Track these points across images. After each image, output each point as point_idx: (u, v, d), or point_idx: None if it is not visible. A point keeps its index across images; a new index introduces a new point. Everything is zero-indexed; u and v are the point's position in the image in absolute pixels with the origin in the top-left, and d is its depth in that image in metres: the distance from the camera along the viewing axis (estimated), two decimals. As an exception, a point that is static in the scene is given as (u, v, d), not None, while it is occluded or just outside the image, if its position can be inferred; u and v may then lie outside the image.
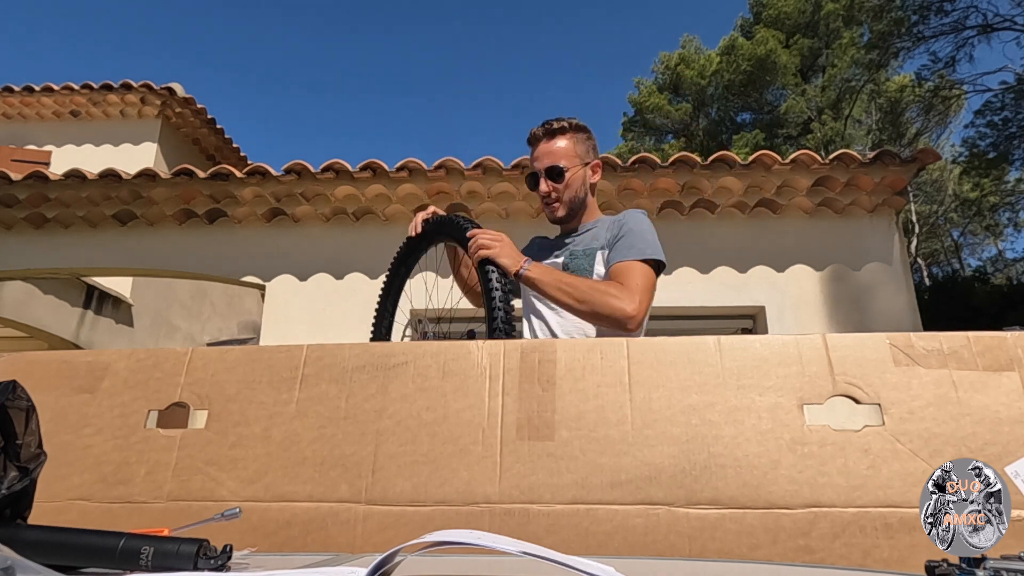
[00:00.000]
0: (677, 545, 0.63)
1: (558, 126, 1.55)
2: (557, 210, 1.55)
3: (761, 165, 3.97)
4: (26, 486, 0.51)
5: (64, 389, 0.79)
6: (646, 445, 0.68)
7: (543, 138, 1.55)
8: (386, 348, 0.78)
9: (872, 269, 4.06)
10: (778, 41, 17.30)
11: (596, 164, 1.59)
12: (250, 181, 4.17)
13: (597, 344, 0.74)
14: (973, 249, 20.74)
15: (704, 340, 0.73)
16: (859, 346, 0.70)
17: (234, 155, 8.19)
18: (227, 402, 0.76)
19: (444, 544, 0.41)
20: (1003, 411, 0.66)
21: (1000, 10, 13.74)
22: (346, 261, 4.25)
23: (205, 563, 0.46)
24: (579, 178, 1.54)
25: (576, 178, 1.53)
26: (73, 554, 0.49)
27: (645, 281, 1.39)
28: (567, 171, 1.51)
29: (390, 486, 0.69)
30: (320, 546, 0.67)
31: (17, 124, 7.21)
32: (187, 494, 0.71)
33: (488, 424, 0.71)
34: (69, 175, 4.20)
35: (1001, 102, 14.56)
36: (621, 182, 4.06)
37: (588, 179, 1.57)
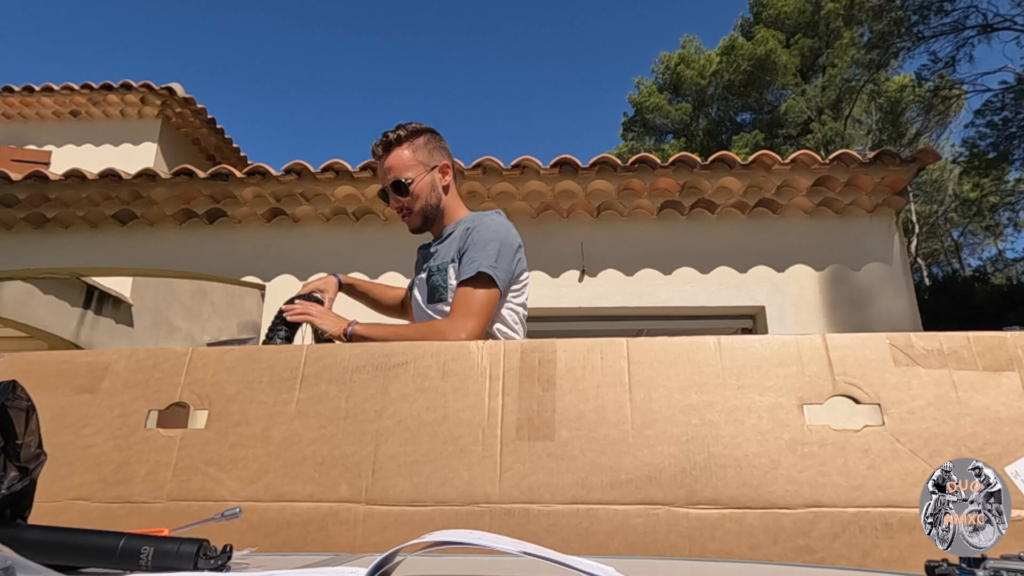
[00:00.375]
0: (677, 545, 0.63)
1: (394, 136, 1.51)
2: (412, 222, 1.54)
3: (761, 165, 3.97)
4: (26, 486, 0.51)
5: (64, 389, 0.79)
6: (646, 445, 0.68)
7: (383, 154, 1.52)
8: (386, 348, 0.78)
9: (872, 269, 4.06)
10: (778, 41, 17.31)
11: (444, 165, 1.55)
12: (250, 181, 4.17)
13: (597, 344, 0.74)
14: (973, 249, 20.75)
15: (704, 340, 0.73)
16: (859, 346, 0.70)
17: (234, 155, 8.19)
18: (227, 402, 0.76)
19: (444, 544, 0.41)
20: (1003, 411, 0.66)
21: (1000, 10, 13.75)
22: (346, 261, 4.25)
23: (205, 563, 0.46)
24: (426, 185, 1.51)
25: (423, 186, 1.50)
26: (73, 554, 0.49)
27: (475, 304, 1.39)
28: (411, 183, 1.49)
29: (390, 486, 0.69)
30: (320, 546, 0.67)
31: (17, 124, 7.21)
32: (187, 494, 0.71)
33: (488, 424, 0.71)
34: (69, 175, 4.20)
35: (1001, 102, 14.57)
36: (621, 182, 4.06)
37: (438, 183, 1.54)
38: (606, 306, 4.09)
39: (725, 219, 4.19)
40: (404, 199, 1.50)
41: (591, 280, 4.15)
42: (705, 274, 4.11)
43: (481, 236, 1.45)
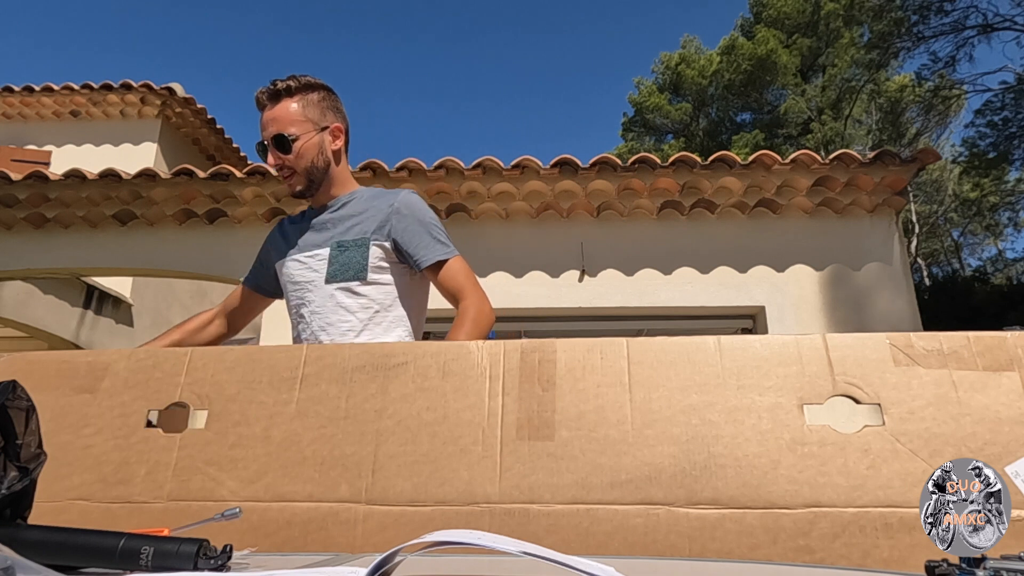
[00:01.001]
0: (677, 545, 0.63)
1: (283, 86, 1.35)
2: (294, 184, 1.38)
3: (761, 165, 3.97)
4: (26, 486, 0.51)
5: (64, 389, 0.79)
6: (646, 445, 0.68)
7: (268, 103, 1.35)
8: (386, 348, 0.78)
9: (872, 269, 4.07)
10: (778, 41, 17.31)
11: (336, 128, 1.40)
12: (250, 181, 4.17)
13: (597, 344, 0.74)
14: (973, 249, 20.75)
15: (704, 340, 0.73)
16: (859, 346, 0.70)
17: (234, 155, 8.19)
18: (227, 402, 0.76)
19: (444, 544, 0.41)
20: (1003, 411, 0.66)
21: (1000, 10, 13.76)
22: (346, 261, 4.25)
23: (205, 563, 0.46)
24: (314, 146, 1.36)
25: (310, 146, 1.35)
26: (73, 554, 0.49)
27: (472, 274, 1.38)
28: (295, 139, 1.33)
29: (390, 486, 0.69)
30: (320, 546, 0.67)
31: (17, 124, 7.21)
32: (187, 494, 0.71)
33: (488, 424, 0.71)
34: (69, 175, 4.20)
35: (1001, 102, 14.58)
36: (621, 182, 4.06)
37: (328, 146, 1.39)
38: (606, 306, 4.09)
39: (725, 219, 4.19)
40: (286, 156, 1.34)
41: (591, 280, 4.15)
42: (705, 274, 4.11)
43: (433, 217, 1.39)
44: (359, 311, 1.34)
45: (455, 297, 1.36)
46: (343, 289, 1.35)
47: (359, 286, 1.35)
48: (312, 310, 1.36)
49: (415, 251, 1.36)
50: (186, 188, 4.23)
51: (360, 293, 1.35)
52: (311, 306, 1.37)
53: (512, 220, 4.25)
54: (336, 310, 1.34)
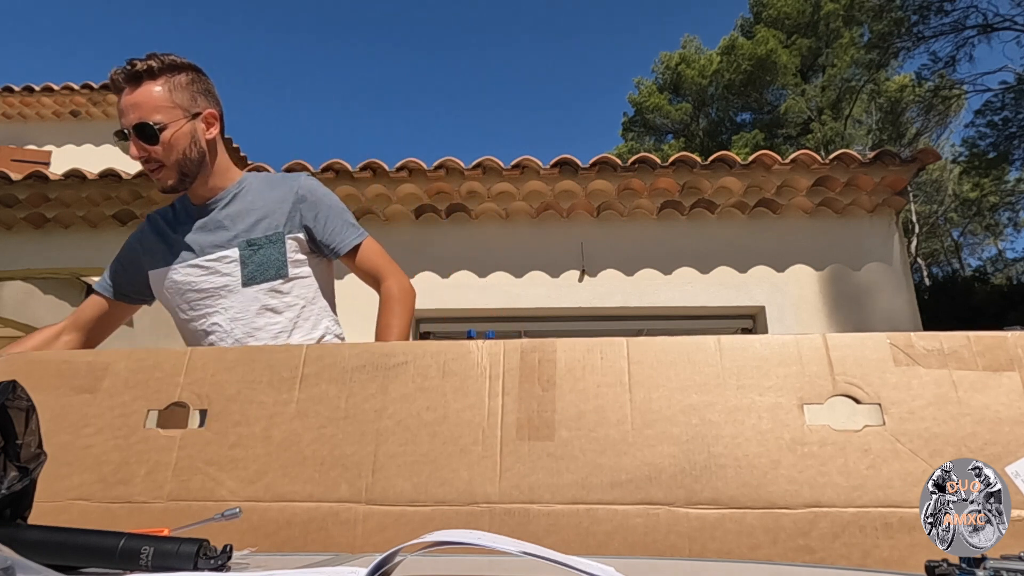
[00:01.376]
0: (677, 545, 0.63)
1: (143, 67, 1.17)
2: (164, 179, 1.23)
3: (761, 165, 3.97)
4: (26, 486, 0.51)
5: (64, 389, 0.79)
6: (646, 445, 0.68)
7: (125, 86, 1.18)
8: (386, 348, 0.78)
9: (872, 269, 4.07)
10: (778, 41, 17.31)
11: (210, 114, 1.25)
12: (250, 181, 4.16)
13: (597, 344, 0.74)
14: (973, 249, 20.76)
15: (704, 340, 0.73)
16: (859, 346, 0.70)
17: (234, 155, 8.19)
18: (227, 402, 0.76)
19: (444, 544, 0.41)
20: (1003, 411, 0.66)
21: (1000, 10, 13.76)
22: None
23: (205, 563, 0.46)
24: (185, 135, 1.21)
25: (181, 136, 1.20)
26: (73, 554, 0.49)
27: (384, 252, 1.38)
28: (162, 129, 1.17)
29: (390, 486, 0.69)
30: (320, 546, 0.67)
31: (17, 124, 7.21)
32: (187, 494, 0.71)
33: (488, 424, 0.71)
34: (69, 175, 4.20)
35: (1001, 102, 14.58)
36: (621, 182, 4.06)
37: (201, 135, 1.24)
38: (606, 306, 4.09)
39: (725, 219, 4.19)
40: (152, 148, 1.19)
41: (591, 280, 4.15)
42: (705, 274, 4.12)
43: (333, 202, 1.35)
44: (286, 310, 1.28)
45: (376, 279, 1.35)
46: (268, 291, 1.27)
47: (282, 284, 1.28)
48: (232, 316, 1.26)
49: (331, 238, 1.32)
50: (186, 188, 4.22)
51: (284, 291, 1.28)
52: (229, 312, 1.27)
53: (512, 220, 4.25)
54: (263, 313, 1.27)
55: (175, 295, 1.32)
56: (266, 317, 1.27)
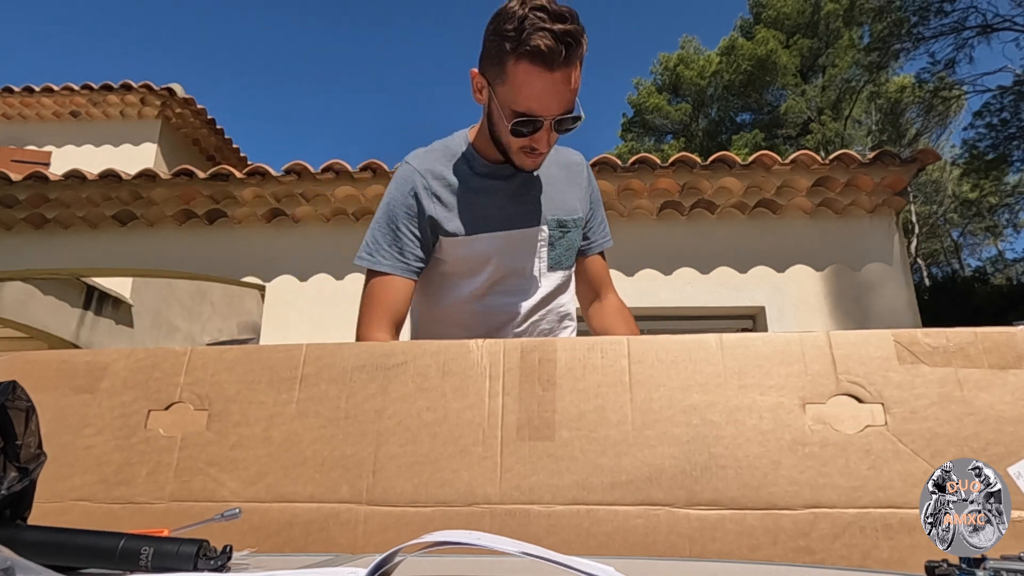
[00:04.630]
0: (678, 546, 0.63)
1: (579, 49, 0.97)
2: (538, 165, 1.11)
3: (761, 165, 3.97)
4: (26, 487, 0.51)
5: (64, 389, 0.79)
6: (647, 445, 0.68)
7: (563, 63, 0.96)
8: (385, 348, 0.77)
9: (872, 269, 4.07)
10: (778, 41, 17.32)
11: None
12: (250, 181, 4.17)
13: (598, 343, 0.74)
14: (973, 249, 20.77)
15: (706, 339, 0.73)
16: (863, 344, 0.70)
17: (234, 155, 8.19)
18: (227, 402, 0.76)
19: (444, 544, 0.41)
20: (1008, 410, 0.65)
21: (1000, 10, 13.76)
22: (345, 261, 4.25)
23: (205, 564, 0.46)
24: None
25: None
26: (73, 555, 0.49)
27: None
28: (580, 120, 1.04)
29: (391, 487, 0.69)
30: (321, 547, 0.67)
31: (17, 124, 7.22)
32: (189, 495, 0.71)
33: (488, 424, 0.71)
34: (69, 175, 4.20)
35: (1000, 103, 14.57)
36: (621, 182, 4.06)
37: None
38: (606, 306, 4.08)
39: (725, 219, 4.19)
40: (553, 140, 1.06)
41: (591, 280, 4.15)
42: (705, 274, 4.11)
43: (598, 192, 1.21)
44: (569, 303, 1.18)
45: (599, 287, 1.25)
46: (565, 280, 1.16)
47: (567, 274, 1.18)
48: (533, 305, 1.13)
49: (594, 233, 1.21)
50: (186, 189, 4.23)
51: (569, 286, 1.19)
52: (533, 297, 1.13)
53: (512, 220, 4.25)
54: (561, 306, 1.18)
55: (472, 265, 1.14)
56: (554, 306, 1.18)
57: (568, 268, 1.18)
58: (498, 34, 0.98)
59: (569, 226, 1.16)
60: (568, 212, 1.17)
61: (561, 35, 0.94)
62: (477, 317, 1.15)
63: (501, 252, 1.13)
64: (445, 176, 1.13)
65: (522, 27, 0.94)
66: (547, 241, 1.15)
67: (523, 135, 1.02)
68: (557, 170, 1.19)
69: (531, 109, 0.99)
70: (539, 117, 1.00)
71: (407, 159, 1.16)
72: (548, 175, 1.17)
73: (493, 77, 1.02)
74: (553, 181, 1.18)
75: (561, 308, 1.19)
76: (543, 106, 0.99)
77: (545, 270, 1.15)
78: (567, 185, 1.19)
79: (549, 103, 0.99)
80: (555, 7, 0.95)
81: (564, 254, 1.16)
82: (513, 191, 1.14)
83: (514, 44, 0.96)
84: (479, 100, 1.09)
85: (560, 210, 1.16)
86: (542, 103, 0.99)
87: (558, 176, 1.19)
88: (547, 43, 0.93)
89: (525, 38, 0.94)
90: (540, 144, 1.04)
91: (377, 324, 1.09)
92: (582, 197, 1.19)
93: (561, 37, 0.94)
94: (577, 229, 1.17)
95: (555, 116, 1.00)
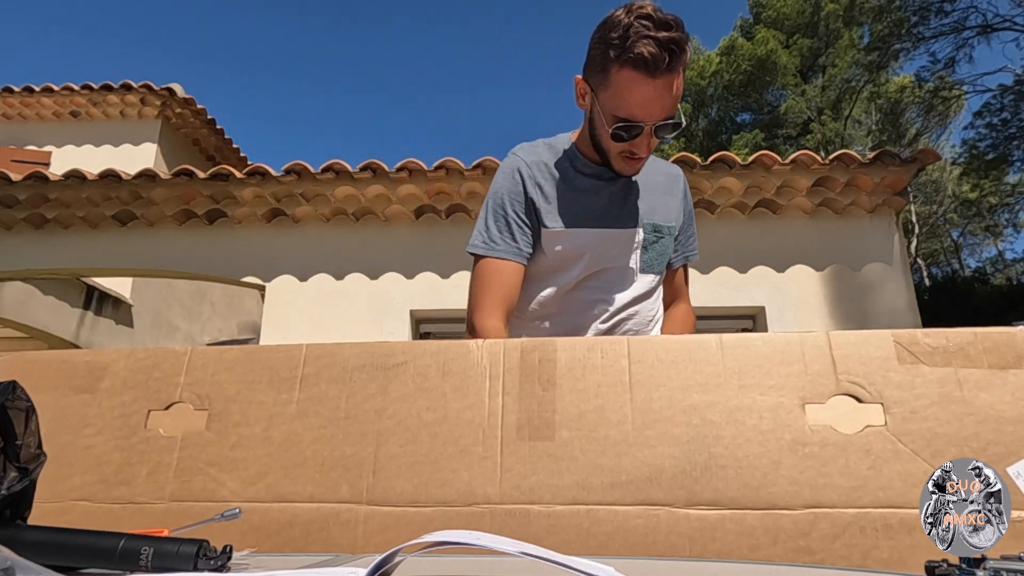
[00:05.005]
0: (678, 546, 0.63)
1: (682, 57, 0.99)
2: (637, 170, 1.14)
3: (761, 165, 3.97)
4: (26, 487, 0.51)
5: (63, 389, 0.79)
6: (647, 446, 0.68)
7: (665, 70, 0.98)
8: (385, 347, 0.77)
9: (872, 269, 4.07)
10: (778, 41, 17.32)
11: None
12: (250, 181, 4.16)
13: (598, 343, 0.74)
14: (973, 249, 20.78)
15: (706, 339, 0.73)
16: (863, 344, 0.70)
17: (234, 155, 8.19)
18: (227, 402, 0.76)
19: (444, 544, 0.41)
20: (1008, 410, 0.65)
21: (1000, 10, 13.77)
22: (346, 261, 4.25)
23: (205, 564, 0.46)
24: None
25: None
26: (73, 555, 0.49)
27: None
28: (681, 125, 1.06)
29: (391, 487, 0.69)
30: (321, 547, 0.67)
31: (17, 124, 7.22)
32: (189, 495, 0.71)
33: (488, 424, 0.71)
34: (69, 175, 4.21)
35: (1000, 103, 14.57)
36: (621, 182, 4.05)
37: None
38: (606, 306, 4.08)
39: (725, 219, 4.19)
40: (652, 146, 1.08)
41: (591, 280, 4.15)
42: (705, 274, 4.11)
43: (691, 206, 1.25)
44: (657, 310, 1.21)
45: (676, 297, 1.30)
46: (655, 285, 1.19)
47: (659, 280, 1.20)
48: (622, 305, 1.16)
49: (684, 246, 1.25)
50: (186, 189, 4.23)
51: (657, 291, 1.21)
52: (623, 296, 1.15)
53: (512, 220, 4.24)
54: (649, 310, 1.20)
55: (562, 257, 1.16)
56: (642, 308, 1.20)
57: (658, 273, 1.21)
58: (603, 42, 1.01)
59: (663, 232, 1.19)
60: (664, 219, 1.20)
61: (665, 43, 0.96)
62: (565, 311, 1.18)
63: (596, 249, 1.15)
64: (550, 169, 1.17)
65: (627, 35, 0.97)
66: (641, 244, 1.18)
67: (623, 140, 1.05)
68: (656, 178, 1.23)
69: (632, 115, 1.02)
70: (640, 123, 1.02)
71: (514, 151, 1.20)
72: (647, 182, 1.21)
73: (596, 83, 1.05)
74: (652, 188, 1.21)
75: (649, 311, 1.21)
76: (645, 112, 1.02)
77: (637, 272, 1.18)
78: (664, 194, 1.22)
79: (650, 109, 1.01)
80: (660, 15, 0.97)
81: (656, 259, 1.19)
82: (613, 193, 1.17)
83: (618, 51, 0.98)
84: (581, 106, 1.12)
85: (656, 216, 1.19)
86: (644, 109, 1.01)
87: (657, 184, 1.22)
88: (651, 50, 0.96)
89: (629, 45, 0.97)
90: (639, 149, 1.07)
91: (490, 310, 1.12)
92: (677, 208, 1.23)
93: (665, 45, 0.96)
94: (670, 237, 1.21)
95: (656, 122, 1.03)
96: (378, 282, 4.16)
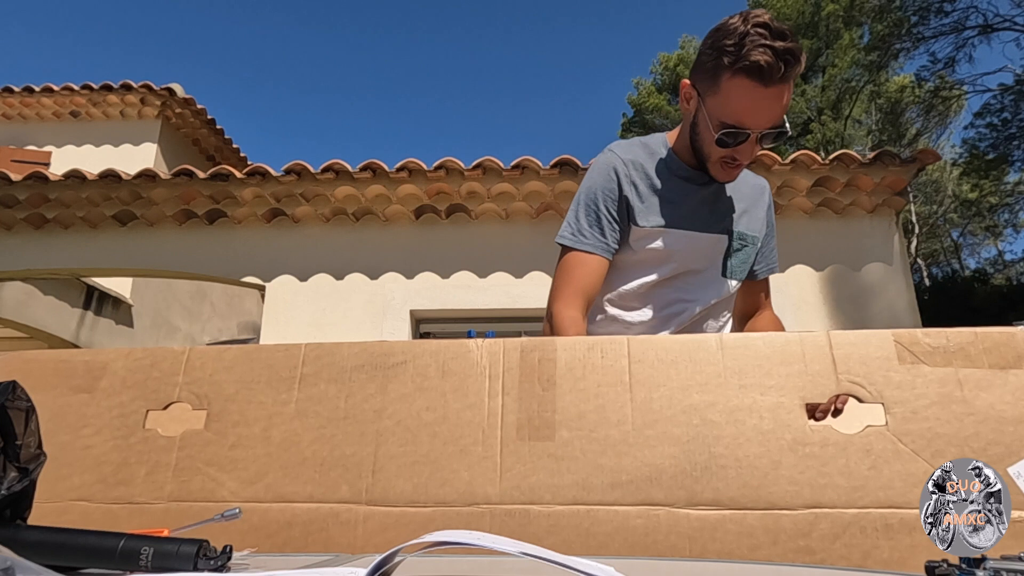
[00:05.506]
0: (678, 546, 0.63)
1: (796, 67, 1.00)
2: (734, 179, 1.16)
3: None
4: (26, 487, 0.51)
5: (62, 389, 0.79)
6: (647, 445, 0.68)
7: (778, 79, 0.99)
8: (385, 347, 0.77)
9: (872, 269, 4.06)
10: (778, 41, 17.26)
11: None
12: (250, 181, 4.16)
13: (598, 343, 0.74)
14: (973, 249, 20.77)
15: (706, 338, 0.73)
16: (863, 344, 0.70)
17: (234, 155, 8.19)
18: (226, 402, 0.76)
19: (443, 544, 0.41)
20: (1008, 410, 0.65)
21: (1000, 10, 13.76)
22: (346, 261, 4.25)
23: (205, 564, 0.46)
24: None
25: None
26: (73, 555, 0.49)
27: None
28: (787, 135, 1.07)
29: (390, 487, 0.69)
30: (321, 547, 0.67)
31: (17, 124, 7.22)
32: (188, 495, 0.71)
33: (488, 424, 0.71)
34: (69, 175, 4.20)
35: (1001, 103, 14.57)
36: (621, 182, 4.05)
37: None
38: (606, 306, 4.08)
39: (725, 219, 4.18)
40: None
41: (591, 280, 4.14)
42: (705, 274, 4.11)
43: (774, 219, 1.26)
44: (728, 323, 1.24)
45: (759, 307, 1.31)
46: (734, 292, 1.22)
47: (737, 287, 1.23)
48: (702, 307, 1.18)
49: (766, 257, 1.27)
50: (186, 189, 4.22)
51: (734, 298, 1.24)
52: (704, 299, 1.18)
53: (512, 220, 4.25)
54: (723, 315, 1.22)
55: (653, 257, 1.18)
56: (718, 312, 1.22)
57: (739, 280, 1.23)
58: (716, 48, 1.02)
59: (748, 241, 1.22)
60: (748, 228, 1.22)
61: (781, 52, 0.97)
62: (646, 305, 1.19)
63: (684, 251, 1.17)
64: (645, 168, 1.19)
65: (742, 43, 0.98)
66: (727, 250, 1.20)
67: (727, 145, 1.07)
68: (744, 188, 1.25)
69: (740, 121, 1.04)
70: (747, 129, 1.04)
71: (610, 147, 1.22)
72: (737, 191, 1.23)
73: (705, 89, 1.07)
74: (741, 197, 1.23)
75: (723, 317, 1.24)
76: (753, 119, 1.03)
77: (720, 277, 1.20)
78: (752, 204, 1.24)
79: (759, 117, 1.03)
80: (777, 25, 0.99)
81: (739, 266, 1.22)
82: (705, 197, 1.19)
83: (732, 59, 1.00)
84: (686, 109, 1.14)
85: (742, 224, 1.22)
86: (752, 116, 1.03)
87: (746, 194, 1.24)
88: (767, 59, 0.97)
89: (745, 53, 0.98)
90: (742, 156, 1.09)
91: (571, 300, 1.14)
92: (762, 219, 1.25)
93: (781, 54, 0.97)
94: (753, 247, 1.23)
95: (762, 130, 1.05)
96: (378, 282, 4.16)
